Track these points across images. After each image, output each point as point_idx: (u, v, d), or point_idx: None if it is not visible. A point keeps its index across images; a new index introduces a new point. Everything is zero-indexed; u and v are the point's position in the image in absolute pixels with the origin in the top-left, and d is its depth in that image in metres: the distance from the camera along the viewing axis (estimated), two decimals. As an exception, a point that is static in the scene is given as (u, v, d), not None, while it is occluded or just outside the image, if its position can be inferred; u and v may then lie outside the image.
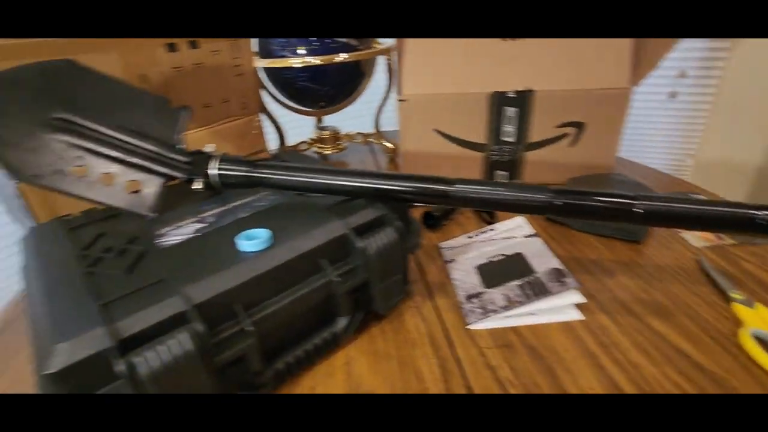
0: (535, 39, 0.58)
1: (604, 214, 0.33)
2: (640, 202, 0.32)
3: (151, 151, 0.37)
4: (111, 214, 0.39)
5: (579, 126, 0.60)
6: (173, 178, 0.38)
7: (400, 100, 0.61)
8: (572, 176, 0.62)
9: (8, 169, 0.32)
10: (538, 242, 0.48)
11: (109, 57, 0.44)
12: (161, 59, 0.49)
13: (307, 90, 0.68)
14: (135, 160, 0.37)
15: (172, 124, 0.39)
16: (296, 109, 0.75)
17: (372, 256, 0.35)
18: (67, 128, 0.35)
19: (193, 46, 0.52)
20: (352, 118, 0.85)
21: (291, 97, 0.71)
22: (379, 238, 0.35)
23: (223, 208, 0.39)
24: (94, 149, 0.35)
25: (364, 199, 0.38)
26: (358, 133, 0.84)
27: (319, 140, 0.81)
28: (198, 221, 0.37)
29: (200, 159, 0.39)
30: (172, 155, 0.38)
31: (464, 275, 0.44)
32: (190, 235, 0.34)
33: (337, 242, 0.34)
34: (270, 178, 0.37)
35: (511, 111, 0.60)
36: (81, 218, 0.37)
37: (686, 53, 1.04)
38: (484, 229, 0.52)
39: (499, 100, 0.59)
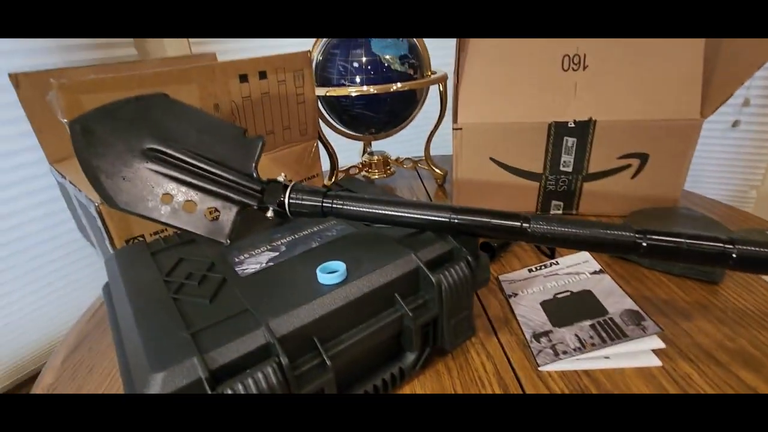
0: (597, 67, 0.57)
1: (694, 259, 0.31)
2: (736, 247, 0.30)
3: (229, 179, 0.39)
4: (187, 239, 0.40)
5: (643, 157, 0.58)
6: (248, 205, 0.39)
7: (455, 129, 0.61)
8: (632, 208, 0.60)
9: (104, 197, 0.34)
10: (606, 279, 0.46)
11: (189, 87, 0.47)
12: (233, 89, 0.52)
13: (362, 117, 0.69)
14: (215, 188, 0.38)
15: (248, 153, 0.41)
16: (346, 134, 0.76)
17: (445, 291, 0.34)
18: (157, 158, 0.36)
19: (262, 76, 0.54)
20: (397, 143, 0.85)
21: (345, 124, 0.73)
22: (451, 274, 0.35)
23: (294, 237, 0.39)
24: (179, 178, 0.37)
25: (433, 232, 0.38)
26: (408, 159, 0.85)
27: (369, 165, 0.82)
28: (271, 249, 0.37)
29: (273, 188, 0.40)
30: (248, 183, 0.39)
31: (529, 311, 0.43)
32: (265, 264, 0.35)
33: (410, 276, 0.34)
34: (341, 208, 0.38)
35: (570, 141, 0.59)
36: (161, 243, 0.39)
37: (750, 80, 0.99)
38: (546, 263, 0.51)
39: (558, 130, 0.58)
